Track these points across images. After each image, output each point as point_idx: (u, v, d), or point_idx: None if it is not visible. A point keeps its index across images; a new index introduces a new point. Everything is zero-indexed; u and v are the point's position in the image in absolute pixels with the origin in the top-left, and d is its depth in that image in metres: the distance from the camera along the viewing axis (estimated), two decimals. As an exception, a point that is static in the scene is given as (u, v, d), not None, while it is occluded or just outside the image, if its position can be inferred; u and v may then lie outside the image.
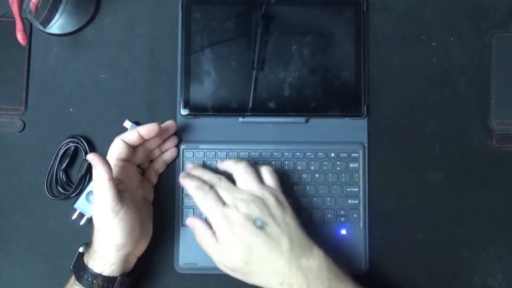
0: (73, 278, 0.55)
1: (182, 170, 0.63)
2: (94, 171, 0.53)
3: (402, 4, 0.67)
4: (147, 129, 0.58)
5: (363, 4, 0.64)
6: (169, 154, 0.63)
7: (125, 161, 0.57)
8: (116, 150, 0.57)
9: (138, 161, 0.60)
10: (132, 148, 0.58)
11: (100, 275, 0.54)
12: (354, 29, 0.64)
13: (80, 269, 0.55)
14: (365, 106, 0.64)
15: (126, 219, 0.53)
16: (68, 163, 0.63)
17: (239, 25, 0.64)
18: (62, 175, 0.63)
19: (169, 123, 0.62)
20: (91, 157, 0.52)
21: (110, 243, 0.54)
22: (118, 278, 0.55)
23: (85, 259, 0.55)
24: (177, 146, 0.64)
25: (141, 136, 0.58)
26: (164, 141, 0.63)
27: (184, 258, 0.62)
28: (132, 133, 0.57)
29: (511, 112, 0.66)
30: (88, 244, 0.58)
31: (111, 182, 0.52)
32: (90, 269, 0.54)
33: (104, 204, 0.53)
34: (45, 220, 0.63)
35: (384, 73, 0.66)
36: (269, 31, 0.63)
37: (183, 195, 0.63)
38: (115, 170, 0.56)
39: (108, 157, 0.57)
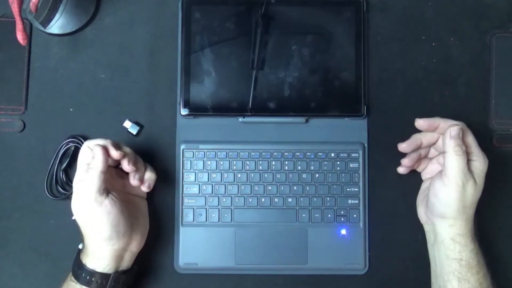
0: (70, 274, 0.55)
1: (182, 170, 0.63)
2: (89, 160, 0.53)
3: (402, 4, 0.67)
4: (107, 144, 0.56)
5: (363, 4, 0.64)
6: (145, 186, 0.59)
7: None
8: (83, 155, 0.55)
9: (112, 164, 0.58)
10: None
11: (94, 271, 0.54)
12: (354, 29, 0.64)
13: (76, 266, 0.55)
14: (365, 106, 0.64)
15: (110, 211, 0.53)
16: (68, 163, 0.63)
17: (239, 25, 0.64)
18: (62, 175, 0.63)
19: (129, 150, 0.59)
20: (100, 144, 0.53)
21: (97, 237, 0.54)
22: (112, 275, 0.55)
23: (81, 256, 0.55)
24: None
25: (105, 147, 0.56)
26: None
27: (184, 258, 0.62)
28: (96, 141, 0.56)
29: (511, 112, 0.66)
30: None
31: (102, 174, 0.53)
32: (84, 265, 0.54)
33: (88, 194, 0.53)
34: (45, 220, 0.63)
35: (384, 73, 0.66)
36: (269, 31, 0.63)
37: (183, 195, 0.63)
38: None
39: (78, 164, 0.55)
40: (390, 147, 0.65)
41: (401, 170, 0.62)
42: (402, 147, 0.61)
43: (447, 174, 0.55)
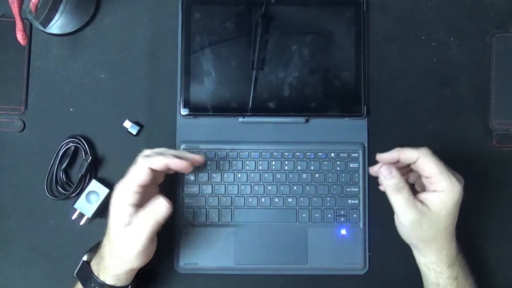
0: (79, 286, 0.55)
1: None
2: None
3: (402, 4, 0.67)
4: (178, 165, 0.54)
5: (363, 4, 0.64)
6: None
7: (147, 186, 0.54)
8: (140, 177, 0.53)
9: (160, 181, 0.58)
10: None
11: (105, 284, 0.53)
12: (354, 29, 0.64)
13: (87, 277, 0.54)
14: (365, 106, 0.64)
15: (151, 247, 0.54)
16: (68, 163, 0.63)
17: (239, 25, 0.64)
18: (62, 175, 0.63)
19: (198, 158, 0.58)
20: (167, 210, 0.52)
21: (126, 266, 0.53)
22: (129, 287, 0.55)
23: (93, 267, 0.54)
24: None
25: (168, 167, 0.54)
26: None
27: (185, 258, 0.62)
28: (160, 162, 0.53)
29: (511, 112, 0.66)
30: (91, 251, 0.57)
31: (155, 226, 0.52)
32: (97, 277, 0.53)
33: (144, 233, 0.51)
34: (45, 220, 0.63)
35: (384, 73, 0.66)
36: (269, 31, 0.63)
37: (183, 195, 0.63)
38: (134, 197, 0.52)
39: (130, 183, 0.53)
40: (390, 147, 0.65)
41: (371, 171, 0.58)
42: (379, 157, 0.56)
43: (395, 212, 0.54)
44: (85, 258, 0.57)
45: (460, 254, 0.56)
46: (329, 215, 0.63)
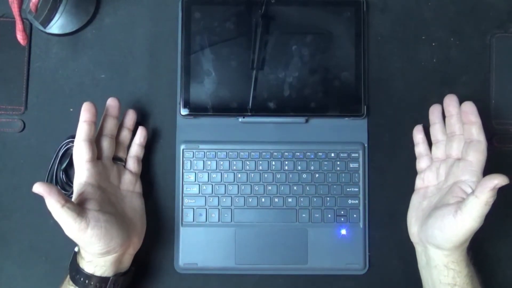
0: (67, 278, 0.55)
1: (182, 170, 0.63)
2: (46, 202, 0.50)
3: (402, 4, 0.67)
4: (86, 111, 0.55)
5: (363, 4, 0.64)
6: (138, 136, 0.61)
7: (93, 161, 0.55)
8: (79, 153, 0.54)
9: (110, 153, 0.58)
10: (95, 143, 0.56)
11: (92, 275, 0.53)
12: (354, 29, 0.64)
13: (73, 269, 0.54)
14: (365, 106, 0.64)
15: (100, 231, 0.51)
16: (68, 163, 0.63)
17: (239, 25, 0.64)
18: (62, 175, 0.63)
19: (109, 100, 0.59)
20: (37, 190, 0.49)
21: (92, 252, 0.53)
22: (111, 278, 0.54)
23: (78, 260, 0.55)
24: (142, 124, 0.64)
25: (90, 123, 0.55)
26: (123, 121, 0.61)
27: (184, 258, 0.62)
28: (81, 127, 0.55)
29: (511, 112, 0.66)
30: None
31: (65, 207, 0.49)
32: (82, 269, 0.53)
33: (69, 228, 0.51)
34: (45, 220, 0.63)
35: (384, 73, 0.66)
36: (269, 31, 0.63)
37: (183, 195, 0.63)
38: (85, 174, 0.54)
39: (77, 164, 0.55)
40: (390, 147, 0.65)
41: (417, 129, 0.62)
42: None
43: (465, 217, 0.51)
44: (76, 249, 0.57)
45: (470, 251, 0.56)
46: (329, 215, 0.63)
